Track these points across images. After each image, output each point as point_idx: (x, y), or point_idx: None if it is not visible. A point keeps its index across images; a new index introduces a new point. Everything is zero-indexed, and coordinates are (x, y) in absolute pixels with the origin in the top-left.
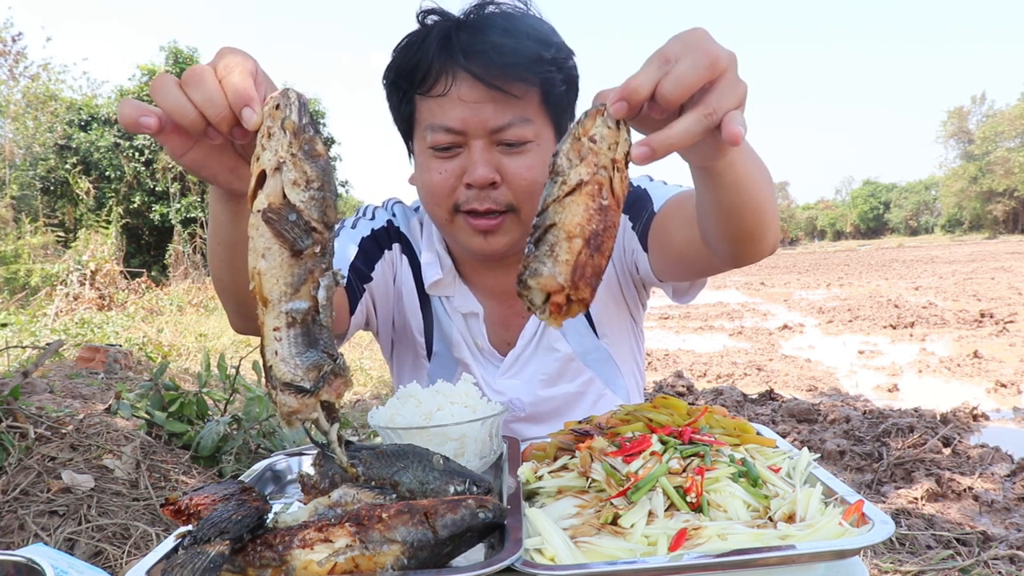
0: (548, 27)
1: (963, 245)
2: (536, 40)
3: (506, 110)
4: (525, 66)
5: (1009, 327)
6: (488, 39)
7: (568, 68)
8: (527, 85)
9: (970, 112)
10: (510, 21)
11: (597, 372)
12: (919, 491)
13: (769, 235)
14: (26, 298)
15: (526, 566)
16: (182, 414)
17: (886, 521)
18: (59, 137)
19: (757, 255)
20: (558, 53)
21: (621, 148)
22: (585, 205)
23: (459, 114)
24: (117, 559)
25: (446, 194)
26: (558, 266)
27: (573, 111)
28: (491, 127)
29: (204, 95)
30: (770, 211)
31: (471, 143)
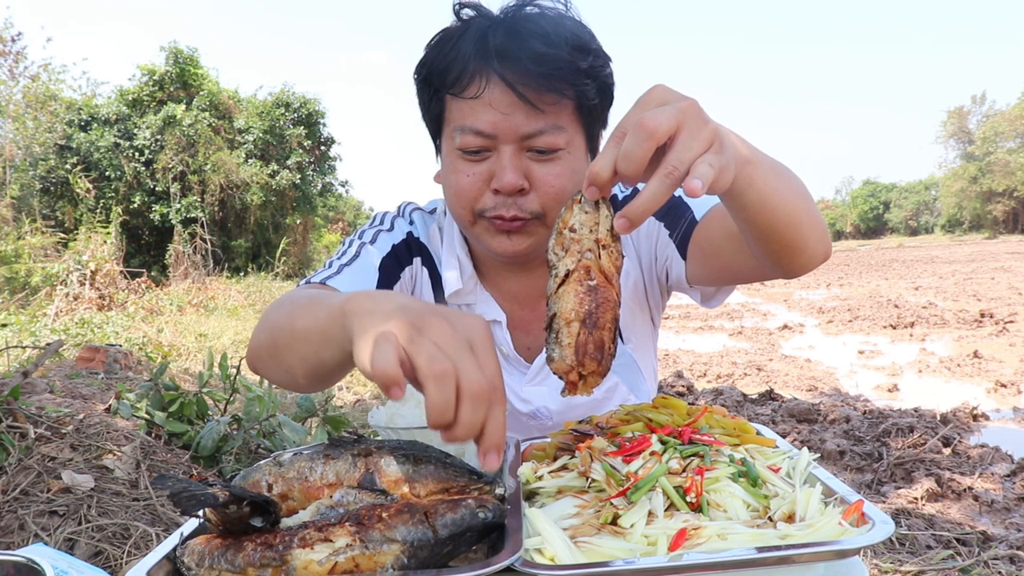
0: (587, 32)
1: (963, 245)
2: (573, 48)
3: (538, 117)
4: (560, 76)
5: (1009, 327)
6: (525, 44)
7: (604, 77)
8: (559, 95)
9: (970, 112)
10: (549, 25)
11: (622, 377)
12: (919, 491)
13: (811, 246)
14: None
15: (526, 566)
16: (182, 414)
17: (886, 521)
18: (59, 137)
19: (803, 267)
20: (595, 62)
21: (603, 226)
22: (575, 291)
23: (490, 118)
24: (117, 559)
25: (473, 197)
26: (564, 350)
27: (606, 119)
28: (522, 133)
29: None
30: (807, 223)
31: (500, 148)
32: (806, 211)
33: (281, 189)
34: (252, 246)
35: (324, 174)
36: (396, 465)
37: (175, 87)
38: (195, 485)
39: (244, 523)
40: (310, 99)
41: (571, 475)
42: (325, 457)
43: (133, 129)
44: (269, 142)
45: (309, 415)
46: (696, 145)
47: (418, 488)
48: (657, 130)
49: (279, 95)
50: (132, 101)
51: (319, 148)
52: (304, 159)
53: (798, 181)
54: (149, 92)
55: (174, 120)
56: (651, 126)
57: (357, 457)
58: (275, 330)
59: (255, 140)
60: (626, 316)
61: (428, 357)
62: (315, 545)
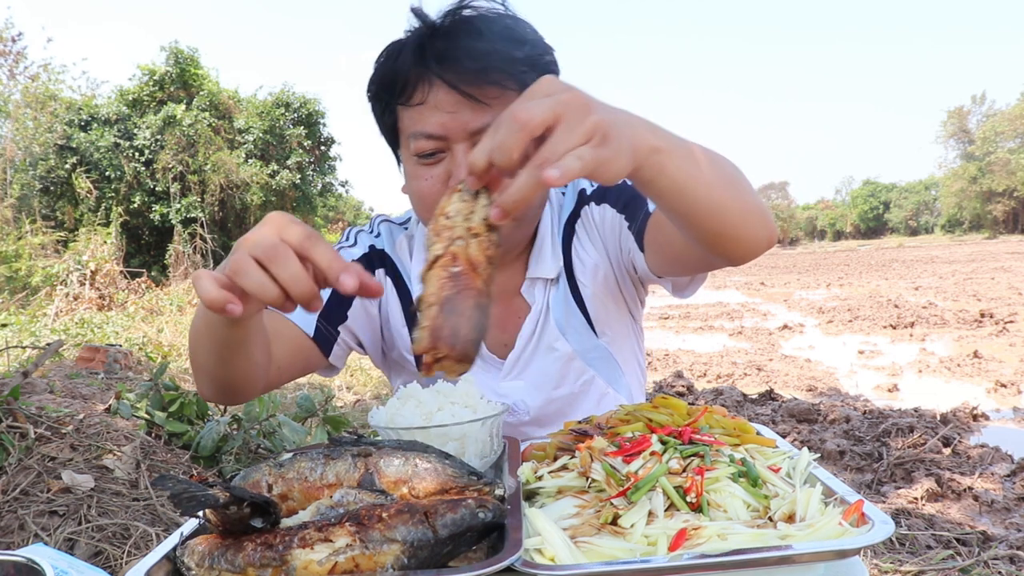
0: (524, 26)
1: (963, 245)
2: (509, 40)
3: (484, 111)
4: (498, 68)
5: (1009, 327)
6: (460, 44)
7: (544, 64)
8: (500, 87)
9: (970, 112)
10: (483, 23)
11: (599, 371)
12: (919, 491)
13: (746, 233)
14: (26, 298)
15: (526, 566)
16: (182, 414)
17: (886, 521)
18: (59, 137)
19: (744, 254)
20: (532, 51)
21: (478, 215)
22: (438, 276)
23: (438, 119)
24: (117, 559)
25: (434, 200)
26: (422, 332)
27: None
28: (471, 129)
29: (290, 274)
30: (736, 209)
31: (454, 147)
32: (733, 198)
33: (281, 189)
34: None
35: (324, 174)
36: (395, 466)
37: (175, 87)
38: (195, 486)
39: (244, 524)
40: (310, 99)
41: (571, 475)
42: (325, 458)
43: (133, 129)
44: (269, 142)
45: (309, 415)
46: (572, 138)
47: (417, 488)
48: (530, 121)
49: (279, 95)
50: (132, 101)
51: (319, 148)
52: (304, 159)
53: (727, 168)
54: (149, 92)
55: (174, 120)
56: (523, 117)
57: (357, 457)
58: (190, 342)
59: (255, 140)
60: (598, 310)
61: (232, 266)
62: (315, 545)
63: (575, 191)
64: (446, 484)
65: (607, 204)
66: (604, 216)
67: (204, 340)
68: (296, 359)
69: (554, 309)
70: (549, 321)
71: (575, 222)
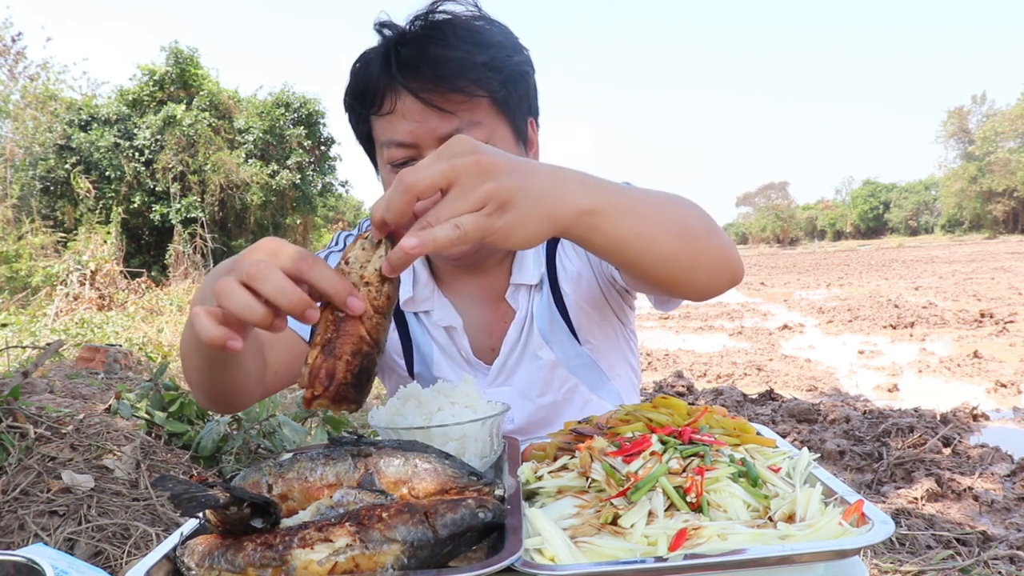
0: (494, 28)
1: (963, 245)
2: (474, 45)
3: (451, 118)
4: (460, 75)
5: (1009, 327)
6: (425, 52)
7: (511, 66)
8: (466, 94)
9: (970, 112)
10: (449, 30)
11: (582, 378)
12: (919, 491)
13: (699, 279)
14: (26, 298)
15: (526, 566)
16: (182, 414)
17: (886, 521)
18: (59, 137)
19: (701, 296)
20: (497, 54)
21: (372, 265)
22: (326, 319)
23: (407, 128)
24: (117, 559)
25: None
26: (305, 369)
27: (533, 107)
28: (439, 135)
29: (274, 287)
30: (687, 259)
31: (424, 154)
32: (683, 248)
33: (281, 189)
34: None
35: (324, 174)
36: (395, 466)
37: (175, 87)
38: (196, 487)
39: (244, 524)
40: (310, 99)
41: (571, 475)
42: (325, 458)
43: (133, 129)
44: (269, 142)
45: (309, 415)
46: (460, 204)
47: (417, 489)
48: (415, 184)
49: (279, 95)
50: (132, 101)
51: (319, 148)
52: (304, 159)
53: (677, 216)
54: (149, 92)
55: (174, 120)
56: (409, 181)
57: (357, 458)
58: (182, 356)
59: (255, 140)
60: (581, 318)
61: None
62: (315, 545)
63: None
64: (446, 484)
65: None
66: None
67: (194, 357)
68: (293, 364)
69: (538, 317)
70: (533, 329)
71: None
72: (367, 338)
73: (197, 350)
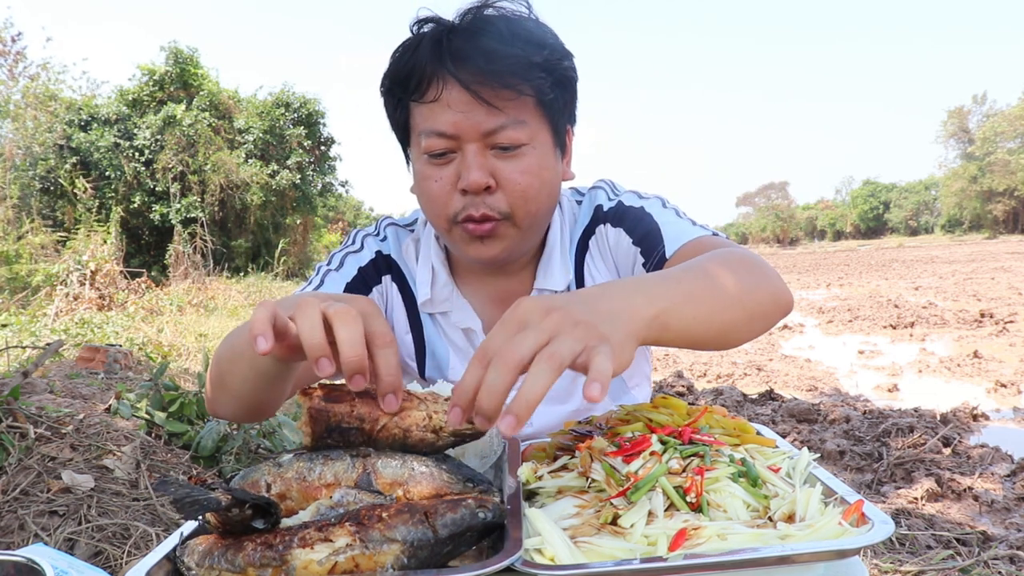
0: (544, 29)
1: (963, 245)
2: (528, 43)
3: (498, 113)
4: (513, 72)
5: (1009, 327)
6: (478, 44)
7: (561, 70)
8: (515, 91)
9: (970, 112)
10: (503, 25)
11: None
12: (919, 491)
13: (754, 331)
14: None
15: (526, 566)
16: (182, 414)
17: (886, 521)
18: (58, 137)
19: (754, 338)
20: (550, 56)
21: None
22: None
23: (451, 118)
24: (117, 559)
25: (444, 202)
26: None
27: (573, 114)
28: (484, 130)
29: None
30: (743, 322)
31: (465, 147)
32: (742, 311)
33: (281, 189)
34: (252, 246)
35: (324, 174)
36: (392, 467)
37: (175, 87)
38: (197, 489)
39: (246, 525)
40: (310, 99)
41: (571, 475)
42: (324, 457)
43: (133, 129)
44: (269, 142)
45: None
46: (574, 344)
47: (412, 492)
48: (521, 361)
49: (279, 95)
50: (132, 101)
51: (319, 148)
52: (304, 159)
53: (729, 281)
54: (149, 92)
55: (174, 120)
56: (513, 358)
57: (355, 458)
58: (219, 360)
59: (255, 140)
60: None
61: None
62: (315, 545)
63: (592, 204)
64: (441, 490)
65: (623, 230)
66: (619, 242)
67: (243, 367)
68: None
69: None
70: None
71: (589, 239)
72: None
73: (251, 360)
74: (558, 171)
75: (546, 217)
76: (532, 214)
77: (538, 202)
